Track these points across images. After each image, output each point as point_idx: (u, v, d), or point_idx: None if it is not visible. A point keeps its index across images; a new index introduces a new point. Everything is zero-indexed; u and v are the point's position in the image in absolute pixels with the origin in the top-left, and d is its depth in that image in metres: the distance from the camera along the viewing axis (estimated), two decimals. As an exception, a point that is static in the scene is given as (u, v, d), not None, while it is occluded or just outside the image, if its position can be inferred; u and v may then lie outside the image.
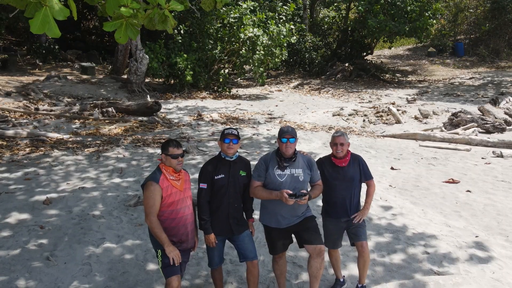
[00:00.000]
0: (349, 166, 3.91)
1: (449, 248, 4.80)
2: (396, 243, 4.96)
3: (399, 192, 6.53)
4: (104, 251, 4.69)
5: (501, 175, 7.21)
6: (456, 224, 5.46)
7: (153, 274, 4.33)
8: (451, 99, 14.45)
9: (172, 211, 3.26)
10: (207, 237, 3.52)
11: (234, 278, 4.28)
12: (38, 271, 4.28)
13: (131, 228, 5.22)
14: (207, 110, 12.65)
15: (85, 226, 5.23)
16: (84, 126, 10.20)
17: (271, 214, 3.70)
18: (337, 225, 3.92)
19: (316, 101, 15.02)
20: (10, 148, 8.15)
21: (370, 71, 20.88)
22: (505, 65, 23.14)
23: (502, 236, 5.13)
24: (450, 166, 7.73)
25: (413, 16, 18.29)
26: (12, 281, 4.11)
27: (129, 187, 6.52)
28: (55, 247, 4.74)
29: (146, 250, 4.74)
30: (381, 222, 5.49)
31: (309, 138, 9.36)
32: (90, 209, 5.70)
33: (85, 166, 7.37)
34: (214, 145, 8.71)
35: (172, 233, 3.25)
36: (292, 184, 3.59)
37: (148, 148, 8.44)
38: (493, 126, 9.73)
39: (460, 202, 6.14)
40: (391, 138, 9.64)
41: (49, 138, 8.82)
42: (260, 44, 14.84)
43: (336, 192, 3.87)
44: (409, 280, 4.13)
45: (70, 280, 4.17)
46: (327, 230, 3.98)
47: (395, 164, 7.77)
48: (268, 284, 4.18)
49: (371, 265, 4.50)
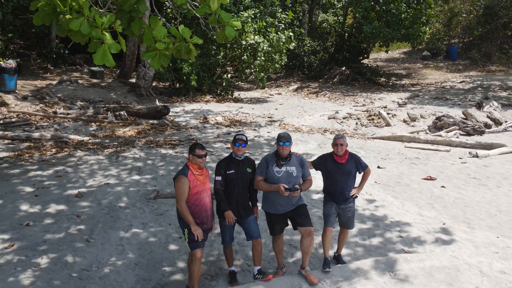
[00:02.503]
0: (347, 163, 4.86)
1: (419, 233, 5.77)
2: (376, 229, 5.93)
3: (383, 187, 7.50)
4: (132, 235, 5.66)
5: (474, 173, 8.18)
6: (428, 214, 6.43)
7: (174, 253, 5.30)
8: (440, 103, 15.43)
9: (197, 199, 4.23)
10: (226, 214, 4.45)
11: (241, 255, 5.24)
12: (81, 250, 5.25)
13: (153, 217, 6.19)
14: (212, 113, 13.62)
15: (114, 215, 6.20)
16: (100, 129, 11.17)
17: (271, 203, 4.66)
18: (334, 208, 4.87)
19: (314, 104, 15.99)
20: (37, 149, 9.12)
21: (366, 75, 21.84)
22: (496, 69, 24.09)
23: (465, 224, 6.10)
24: (430, 165, 8.70)
25: (406, 23, 19.25)
26: (62, 257, 5.07)
27: (147, 183, 7.48)
28: (92, 231, 5.70)
29: (167, 234, 5.71)
30: (365, 212, 6.46)
31: (305, 140, 10.32)
32: (116, 201, 6.66)
33: (106, 165, 8.34)
34: (219, 146, 9.67)
35: (196, 216, 4.21)
36: (287, 179, 4.55)
37: (161, 149, 9.41)
38: (473, 129, 10.70)
39: (434, 196, 7.11)
40: (380, 140, 10.62)
41: (71, 139, 9.78)
42: (261, 51, 15.80)
43: (337, 183, 4.84)
44: (383, 257, 5.09)
45: (108, 257, 5.13)
46: (326, 211, 4.92)
47: (382, 164, 8.75)
48: (269, 260, 5.14)
49: (354, 246, 5.48)
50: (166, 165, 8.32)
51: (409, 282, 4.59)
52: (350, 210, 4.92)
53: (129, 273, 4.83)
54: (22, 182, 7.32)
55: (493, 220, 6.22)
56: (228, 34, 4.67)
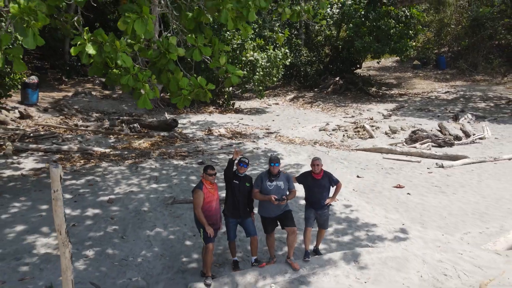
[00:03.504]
0: (322, 179, 6.40)
1: (382, 232, 7.32)
2: (349, 229, 7.48)
3: (359, 194, 9.05)
4: (156, 233, 7.21)
5: (437, 181, 9.73)
6: (392, 216, 7.98)
7: (190, 247, 6.84)
8: (421, 115, 16.97)
9: (209, 206, 5.76)
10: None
11: (241, 249, 6.79)
12: (118, 245, 6.80)
13: (171, 219, 7.74)
14: (216, 125, 15.18)
15: (140, 218, 7.75)
16: (118, 141, 12.73)
17: (265, 209, 6.20)
18: (313, 213, 6.41)
19: (307, 115, 17.55)
20: (68, 160, 10.67)
21: (358, 85, 23.39)
22: (481, 78, 25.65)
23: (420, 224, 7.65)
24: (402, 174, 10.25)
25: (394, 38, 20.81)
26: (104, 250, 6.62)
27: (164, 190, 9.03)
28: (124, 231, 7.25)
29: (184, 233, 7.26)
30: (341, 215, 8.01)
31: (297, 152, 11.88)
32: (140, 206, 8.22)
33: (128, 175, 9.89)
34: (223, 158, 11.22)
35: (208, 219, 5.75)
36: (277, 191, 6.09)
37: (173, 160, 10.96)
38: (443, 141, 12.24)
39: (400, 201, 8.66)
40: (363, 151, 12.17)
41: (95, 151, 11.34)
42: (259, 66, 17.35)
43: (314, 194, 6.38)
44: (350, 250, 6.63)
45: (139, 250, 6.68)
46: (306, 215, 6.45)
47: (361, 173, 10.29)
48: (263, 252, 6.68)
49: (329, 242, 7.03)
50: (179, 175, 9.87)
51: (368, 268, 6.14)
52: (325, 215, 6.46)
53: (157, 262, 6.39)
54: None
55: (443, 221, 7.77)
56: (233, 81, 6.25)
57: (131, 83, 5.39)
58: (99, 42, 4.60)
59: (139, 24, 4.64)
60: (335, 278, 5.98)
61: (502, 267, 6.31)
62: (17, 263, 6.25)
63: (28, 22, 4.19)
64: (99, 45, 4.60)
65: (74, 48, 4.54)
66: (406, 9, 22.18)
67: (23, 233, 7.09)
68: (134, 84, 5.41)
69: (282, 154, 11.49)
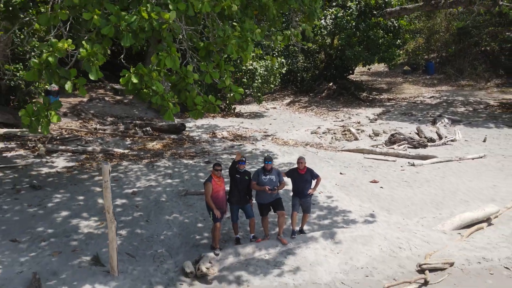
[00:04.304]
0: (305, 174, 8.18)
1: (355, 217, 9.10)
2: (328, 215, 9.26)
3: (340, 188, 10.82)
4: (174, 218, 8.99)
5: (407, 177, 11.51)
6: (365, 205, 9.76)
7: (201, 228, 8.62)
8: (404, 119, 18.74)
9: (216, 195, 7.53)
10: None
11: (242, 229, 8.51)
12: (145, 226, 8.58)
13: (185, 207, 9.52)
14: (219, 128, 16.97)
15: (160, 206, 9.53)
16: (134, 143, 14.51)
17: (260, 197, 7.98)
18: (298, 200, 8.17)
19: (302, 119, 19.34)
20: (93, 159, 12.46)
21: (350, 90, 25.15)
22: (466, 83, 27.40)
23: (387, 212, 9.43)
24: (378, 171, 12.03)
25: (382, 48, 22.61)
26: (133, 231, 8.40)
27: (178, 185, 10.80)
28: (148, 216, 9.03)
29: (196, 218, 9.03)
30: (324, 204, 9.78)
31: (290, 152, 13.65)
32: (159, 197, 9.99)
33: (146, 172, 11.67)
34: (226, 157, 12.98)
35: (216, 204, 7.52)
36: (270, 183, 7.86)
37: (183, 159, 12.74)
38: (418, 143, 14.02)
39: (373, 193, 10.43)
40: (347, 152, 13.95)
41: (116, 152, 13.12)
42: (258, 74, 19.14)
43: (299, 186, 8.14)
44: (329, 230, 8.41)
45: (162, 230, 8.46)
46: (293, 202, 8.20)
47: (343, 171, 12.07)
48: (259, 231, 8.44)
49: (312, 224, 8.80)
50: (189, 172, 11.66)
51: (341, 244, 7.91)
52: (308, 202, 8.23)
53: (176, 239, 8.17)
54: (92, 184, 10.68)
55: (406, 209, 9.56)
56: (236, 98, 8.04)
57: (159, 102, 7.16)
58: (139, 73, 6.37)
59: (169, 60, 6.42)
60: (315, 250, 7.77)
61: (445, 242, 8.10)
62: (67, 239, 8.04)
63: (93, 62, 5.98)
64: (140, 75, 6.37)
65: (122, 79, 6.31)
66: (395, 20, 23.96)
67: (67, 217, 8.88)
68: (161, 102, 7.19)
69: (277, 155, 13.28)
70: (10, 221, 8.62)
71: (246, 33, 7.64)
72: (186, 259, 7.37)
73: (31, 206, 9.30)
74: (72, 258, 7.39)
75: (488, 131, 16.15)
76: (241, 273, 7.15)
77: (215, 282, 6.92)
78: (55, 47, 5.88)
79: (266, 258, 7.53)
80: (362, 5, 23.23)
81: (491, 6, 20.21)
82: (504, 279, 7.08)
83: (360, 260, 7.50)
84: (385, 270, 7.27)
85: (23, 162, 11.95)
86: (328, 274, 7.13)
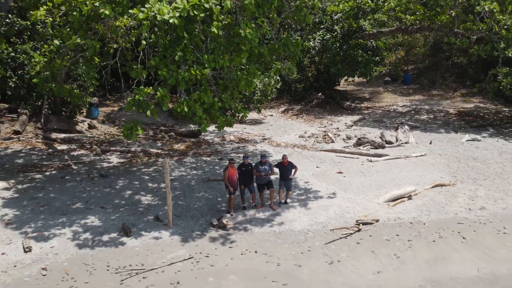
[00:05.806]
0: (288, 165, 12.74)
1: (322, 194, 13.63)
2: (304, 193, 13.79)
3: (315, 177, 15.36)
4: (201, 195, 13.55)
5: (364, 170, 16.04)
6: (330, 188, 14.30)
7: (221, 201, 13.18)
8: (375, 125, 23.29)
9: (231, 178, 12.06)
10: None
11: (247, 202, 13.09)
12: (183, 199, 13.13)
13: (208, 188, 14.06)
14: (226, 133, 21.53)
15: (191, 188, 14.07)
16: (163, 144, 19.05)
17: (258, 180, 12.54)
18: (283, 183, 12.72)
19: (293, 125, 23.92)
20: (137, 157, 17.01)
21: (336, 99, 29.70)
22: (436, 93, 31.91)
23: (344, 192, 13.97)
24: (344, 165, 16.57)
25: (361, 65, 27.24)
26: (177, 202, 12.93)
27: (201, 174, 15.34)
28: (184, 194, 13.58)
29: (216, 195, 13.58)
30: (302, 187, 14.32)
31: (282, 151, 18.17)
32: (190, 182, 14.54)
33: (177, 166, 16.23)
34: (234, 156, 17.49)
35: (230, 183, 12.06)
36: (265, 171, 12.42)
37: (203, 157, 17.29)
38: (378, 145, 18.56)
39: (338, 180, 14.98)
40: (324, 151, 18.49)
41: (152, 151, 17.67)
42: (258, 90, 23.69)
43: (283, 173, 12.69)
44: (303, 202, 12.94)
45: (194, 203, 13.01)
46: (280, 184, 12.74)
47: (319, 165, 16.60)
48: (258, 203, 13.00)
49: (293, 199, 13.34)
50: (208, 166, 16.22)
51: (311, 209, 12.46)
52: (289, 184, 12.78)
53: (204, 207, 12.73)
54: (141, 174, 15.24)
55: (357, 190, 14.11)
56: (244, 117, 12.64)
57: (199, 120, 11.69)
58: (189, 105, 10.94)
59: (206, 97, 10.96)
60: (293, 213, 12.32)
61: (377, 209, 12.65)
62: (135, 207, 12.60)
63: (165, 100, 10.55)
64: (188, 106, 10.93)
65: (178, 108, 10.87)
66: (373, 41, 28.57)
67: (132, 194, 13.45)
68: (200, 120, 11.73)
69: (271, 153, 17.83)
70: (95, 196, 13.20)
71: (251, 75, 12.19)
72: (212, 218, 11.94)
73: (105, 187, 13.87)
74: (141, 217, 11.97)
75: (437, 135, 20.70)
76: (247, 225, 11.71)
77: (231, 230, 11.48)
78: (143, 91, 10.44)
79: (262, 218, 12.09)
80: (345, 29, 27.82)
81: (448, 33, 24.75)
82: (407, 229, 11.63)
83: (321, 218, 12.06)
84: (336, 224, 11.82)
85: (88, 159, 16.54)
86: (300, 226, 11.68)
